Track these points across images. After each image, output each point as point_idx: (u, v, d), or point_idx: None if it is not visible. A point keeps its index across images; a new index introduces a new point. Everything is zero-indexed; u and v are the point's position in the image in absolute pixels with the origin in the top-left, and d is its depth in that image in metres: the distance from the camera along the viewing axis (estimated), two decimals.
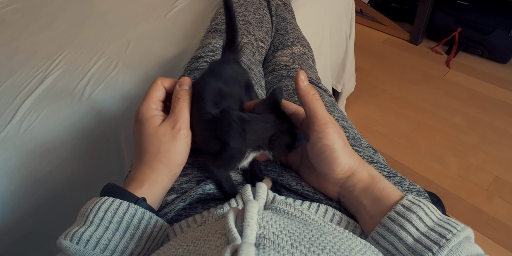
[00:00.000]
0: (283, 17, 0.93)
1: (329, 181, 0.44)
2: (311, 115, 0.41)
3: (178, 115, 0.44)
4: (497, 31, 1.80)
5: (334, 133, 0.40)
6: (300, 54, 0.82)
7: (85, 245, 0.36)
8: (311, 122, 0.41)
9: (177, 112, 0.44)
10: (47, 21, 1.03)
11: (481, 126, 1.62)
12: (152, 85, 0.46)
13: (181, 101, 0.45)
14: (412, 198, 0.38)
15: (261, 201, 0.39)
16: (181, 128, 0.44)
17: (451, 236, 0.34)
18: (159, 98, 0.46)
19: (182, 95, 0.45)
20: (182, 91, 0.45)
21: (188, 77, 0.51)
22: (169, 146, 0.43)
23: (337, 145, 0.40)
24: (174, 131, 0.43)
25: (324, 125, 0.40)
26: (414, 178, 1.43)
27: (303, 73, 0.42)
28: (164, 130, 0.43)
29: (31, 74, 0.85)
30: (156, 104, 0.46)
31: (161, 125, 0.44)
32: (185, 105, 0.45)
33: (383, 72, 1.97)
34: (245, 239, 0.26)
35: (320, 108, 0.41)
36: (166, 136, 0.43)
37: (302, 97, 0.42)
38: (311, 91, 0.42)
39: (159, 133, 0.43)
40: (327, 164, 0.41)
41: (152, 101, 0.45)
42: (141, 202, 0.41)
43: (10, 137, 0.72)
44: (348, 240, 0.30)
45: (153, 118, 0.44)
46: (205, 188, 0.47)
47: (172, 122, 0.44)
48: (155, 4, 1.08)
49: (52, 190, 0.75)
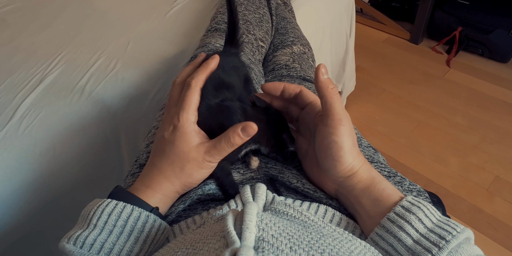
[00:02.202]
0: (283, 16, 0.92)
1: (328, 177, 0.44)
2: (327, 108, 0.41)
3: (218, 152, 0.42)
4: (498, 30, 1.80)
5: (346, 131, 0.40)
6: (300, 53, 0.82)
7: (89, 249, 0.36)
8: (325, 115, 0.41)
9: (218, 149, 0.41)
10: (46, 21, 1.03)
11: (481, 126, 1.62)
12: (191, 92, 0.43)
13: (229, 144, 0.41)
14: (411, 199, 0.38)
15: (260, 202, 0.38)
16: (212, 162, 0.42)
17: (450, 237, 0.34)
18: (197, 105, 0.43)
19: (236, 141, 0.41)
20: (238, 138, 0.41)
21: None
22: (193, 171, 0.42)
23: (345, 144, 0.40)
24: (204, 162, 0.42)
25: (338, 121, 0.40)
26: (414, 178, 1.43)
27: (324, 66, 0.42)
28: (197, 155, 0.41)
29: (30, 73, 0.85)
30: (195, 115, 0.43)
31: (196, 148, 0.42)
32: (230, 149, 0.42)
33: (383, 72, 1.97)
34: (244, 242, 0.26)
35: (337, 103, 0.41)
36: (195, 163, 0.42)
37: (321, 90, 0.41)
38: (330, 84, 0.41)
39: (191, 156, 0.42)
40: (331, 160, 0.41)
41: (192, 111, 0.42)
42: (154, 211, 0.40)
43: (10, 137, 0.72)
44: (348, 242, 0.30)
45: (191, 134, 0.42)
46: (205, 189, 0.47)
47: (207, 155, 0.42)
48: (155, 3, 1.08)
49: (52, 189, 0.75)
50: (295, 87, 0.46)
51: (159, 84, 0.84)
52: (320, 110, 0.45)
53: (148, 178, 0.43)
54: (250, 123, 0.40)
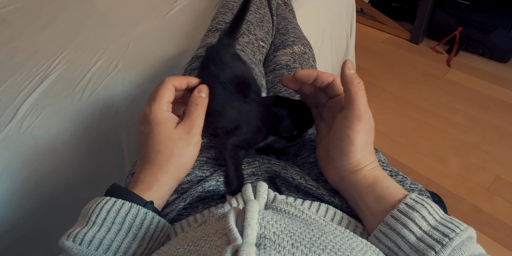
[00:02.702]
0: (284, 16, 0.92)
1: (333, 167, 0.45)
2: (349, 102, 0.41)
3: (195, 121, 0.45)
4: (498, 30, 1.80)
5: (363, 128, 0.40)
6: (300, 53, 0.82)
7: (88, 246, 0.36)
8: (346, 108, 0.41)
9: (193, 117, 0.45)
10: (47, 21, 1.03)
11: (481, 126, 1.62)
12: (163, 86, 0.46)
13: (199, 107, 0.46)
14: (415, 197, 0.38)
15: (261, 200, 0.39)
16: (195, 134, 0.45)
17: (454, 235, 0.34)
18: (170, 99, 0.46)
19: (200, 102, 0.46)
20: (200, 98, 0.46)
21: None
22: (183, 150, 0.44)
23: (358, 140, 0.40)
24: (189, 136, 0.44)
25: (357, 117, 0.40)
26: (415, 178, 1.43)
27: (351, 61, 0.43)
28: (180, 134, 0.44)
29: (31, 73, 0.85)
30: (167, 106, 0.46)
31: (176, 128, 0.44)
32: (202, 112, 0.46)
33: (383, 72, 1.97)
34: (246, 239, 0.26)
35: (361, 98, 0.41)
36: (181, 140, 0.44)
37: (346, 83, 0.41)
38: (356, 79, 0.42)
39: (174, 137, 0.44)
40: (339, 153, 0.42)
41: (164, 102, 0.45)
42: (148, 205, 0.41)
43: (11, 137, 0.72)
44: (349, 240, 0.30)
45: (167, 120, 0.44)
46: (205, 186, 0.47)
47: (188, 127, 0.44)
48: (155, 3, 1.08)
49: (53, 189, 0.75)
50: (328, 76, 0.47)
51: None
52: (336, 94, 0.46)
53: (140, 173, 0.44)
54: (201, 85, 0.47)
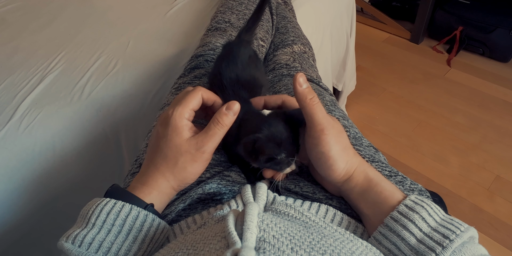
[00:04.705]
0: (284, 15, 0.92)
1: (327, 181, 0.44)
2: (308, 120, 0.40)
3: (210, 138, 0.42)
4: (499, 29, 1.80)
5: (331, 139, 0.39)
6: (300, 53, 0.82)
7: (88, 248, 0.36)
8: (308, 126, 0.41)
9: (210, 134, 0.42)
10: (47, 20, 1.03)
11: (482, 125, 1.62)
12: (193, 92, 0.44)
13: (219, 126, 0.42)
14: (415, 198, 0.38)
15: (261, 202, 0.38)
16: (205, 151, 0.42)
17: (454, 236, 0.34)
18: (195, 107, 0.44)
19: (224, 120, 0.42)
20: (225, 116, 0.42)
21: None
22: (187, 164, 0.42)
23: (333, 152, 0.40)
24: (198, 153, 0.42)
25: (320, 132, 0.39)
26: (415, 177, 1.43)
27: (302, 75, 0.41)
28: (189, 147, 0.42)
29: (30, 72, 0.84)
30: (189, 113, 0.43)
31: (188, 140, 0.42)
32: (221, 131, 0.42)
33: (384, 71, 1.97)
34: (245, 242, 0.26)
35: (317, 113, 0.40)
36: (188, 154, 0.42)
37: (300, 101, 0.40)
38: (308, 95, 0.40)
39: (183, 149, 0.42)
40: (324, 169, 0.41)
41: (188, 109, 0.43)
42: (149, 208, 0.40)
43: (10, 136, 0.72)
44: (349, 243, 0.30)
45: (183, 128, 0.42)
46: (205, 188, 0.47)
47: (200, 143, 0.42)
48: (155, 2, 1.08)
49: (51, 189, 0.75)
50: (276, 99, 0.46)
51: (160, 84, 0.84)
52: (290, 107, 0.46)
53: (144, 175, 0.44)
54: (232, 101, 0.43)
